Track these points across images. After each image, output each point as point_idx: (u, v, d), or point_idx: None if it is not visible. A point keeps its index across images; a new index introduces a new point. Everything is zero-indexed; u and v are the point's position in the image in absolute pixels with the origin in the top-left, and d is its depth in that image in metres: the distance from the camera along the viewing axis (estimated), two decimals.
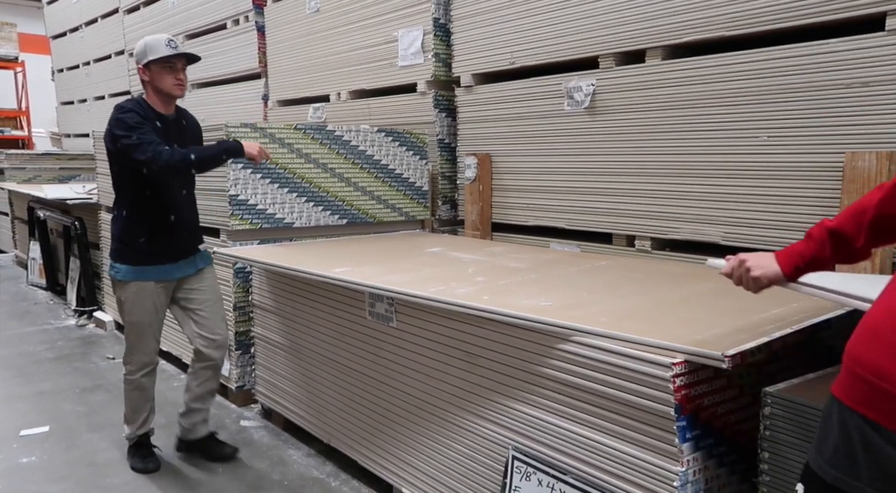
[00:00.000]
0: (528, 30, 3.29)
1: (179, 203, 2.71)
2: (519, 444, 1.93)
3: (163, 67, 2.57)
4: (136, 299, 2.66)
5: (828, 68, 2.28)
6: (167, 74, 2.58)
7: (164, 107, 2.65)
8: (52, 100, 9.95)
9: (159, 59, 2.55)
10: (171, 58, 2.57)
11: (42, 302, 5.90)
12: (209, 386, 2.87)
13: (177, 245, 2.71)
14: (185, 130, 2.76)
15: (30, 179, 7.57)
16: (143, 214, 2.63)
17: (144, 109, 2.58)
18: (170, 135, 2.62)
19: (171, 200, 2.66)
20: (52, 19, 9.29)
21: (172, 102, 2.68)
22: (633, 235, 2.95)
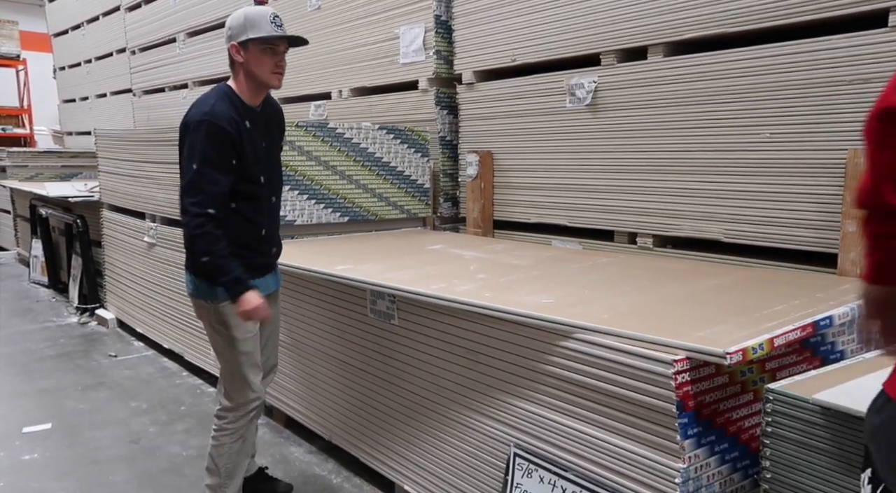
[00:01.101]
0: (529, 27, 3.28)
1: (268, 213, 2.26)
2: (520, 441, 1.93)
3: (263, 50, 2.09)
4: (238, 322, 2.14)
5: (830, 65, 2.28)
6: (268, 58, 2.10)
7: (253, 98, 2.17)
8: (53, 98, 9.96)
9: (260, 38, 2.07)
10: (275, 39, 2.11)
11: (44, 300, 5.91)
12: (257, 421, 2.39)
13: (265, 260, 2.30)
14: (272, 120, 2.31)
15: (32, 177, 7.59)
16: (229, 230, 2.10)
17: (235, 106, 2.11)
18: (260, 132, 2.20)
19: (260, 212, 2.21)
20: (53, 17, 9.29)
21: (264, 94, 2.21)
22: (635, 232, 2.95)
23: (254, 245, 2.22)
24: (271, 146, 2.28)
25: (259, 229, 2.23)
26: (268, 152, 2.24)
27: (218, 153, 2.04)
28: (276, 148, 2.33)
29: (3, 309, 5.56)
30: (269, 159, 2.25)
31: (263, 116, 2.24)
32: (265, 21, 2.09)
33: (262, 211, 2.23)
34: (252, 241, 2.21)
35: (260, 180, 2.18)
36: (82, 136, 8.79)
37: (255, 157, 2.15)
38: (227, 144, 2.06)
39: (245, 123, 2.12)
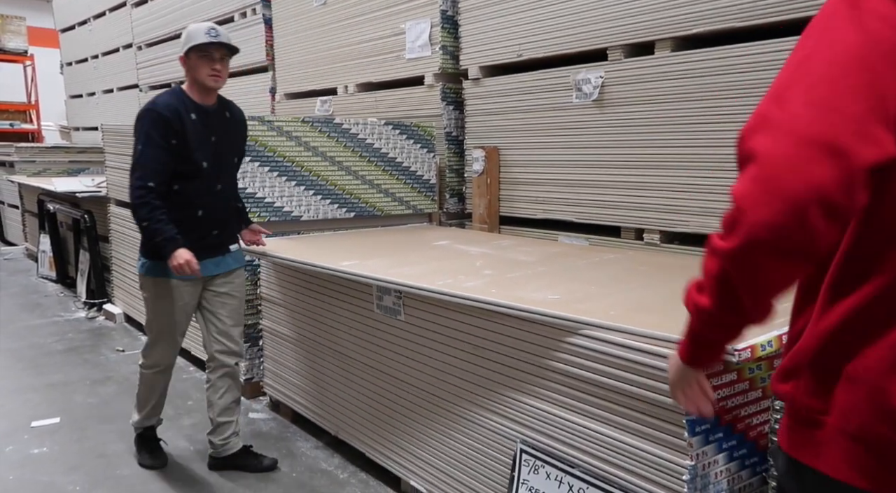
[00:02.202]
0: (535, 22, 3.27)
1: (210, 199, 2.56)
2: (527, 437, 1.93)
3: (200, 57, 2.47)
4: (158, 296, 2.56)
5: None
6: (204, 64, 2.47)
7: (202, 98, 2.54)
8: (61, 93, 10.00)
9: (196, 47, 2.45)
10: (207, 46, 2.45)
11: (52, 295, 5.94)
12: (233, 395, 2.73)
13: (203, 242, 2.54)
14: (229, 122, 2.65)
15: (39, 173, 7.62)
16: (167, 207, 2.45)
17: (181, 100, 2.50)
18: (208, 127, 2.53)
19: (199, 195, 2.52)
20: (60, 13, 9.32)
21: (211, 94, 2.57)
22: (642, 228, 2.94)
23: (189, 224, 2.50)
24: (223, 143, 2.59)
25: (196, 211, 2.53)
26: (217, 146, 2.56)
27: (158, 134, 2.43)
28: (230, 145, 2.65)
29: (12, 304, 5.60)
30: (216, 151, 2.56)
31: (218, 116, 2.60)
32: (201, 33, 2.47)
33: (202, 194, 2.53)
34: (186, 219, 2.50)
35: (202, 165, 2.51)
36: (89, 131, 8.82)
37: (199, 144, 2.49)
38: (166, 126, 2.43)
39: (190, 115, 2.49)
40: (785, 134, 0.78)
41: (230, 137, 2.64)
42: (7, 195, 8.33)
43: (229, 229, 2.70)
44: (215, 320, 2.67)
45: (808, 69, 0.80)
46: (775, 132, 0.79)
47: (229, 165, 2.67)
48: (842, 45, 0.79)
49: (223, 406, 2.70)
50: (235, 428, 2.74)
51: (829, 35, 0.81)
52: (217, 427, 2.71)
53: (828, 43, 0.81)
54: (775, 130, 0.79)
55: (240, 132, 2.74)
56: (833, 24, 0.82)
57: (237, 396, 2.76)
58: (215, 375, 2.70)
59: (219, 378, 2.70)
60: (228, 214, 2.69)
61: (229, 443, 2.72)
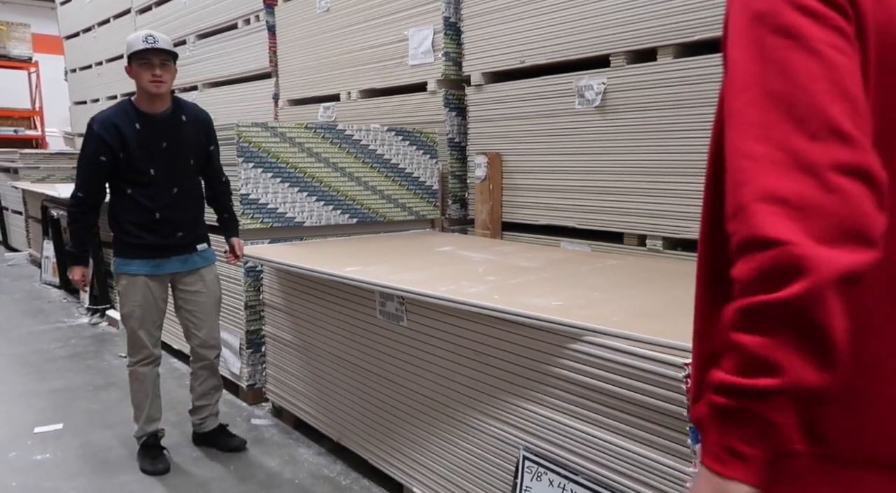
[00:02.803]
0: (538, 28, 3.28)
1: (167, 202, 2.69)
2: (530, 444, 1.92)
3: (140, 64, 2.55)
4: (127, 291, 2.73)
5: None
6: (144, 71, 2.55)
7: (149, 105, 2.63)
8: (65, 100, 10.04)
9: (135, 54, 2.55)
10: (145, 53, 2.53)
11: (55, 300, 5.95)
12: (211, 383, 2.97)
13: (168, 242, 2.72)
14: (184, 127, 2.71)
15: (43, 179, 7.64)
16: (125, 211, 2.67)
17: (125, 112, 2.62)
18: (157, 134, 2.64)
19: (154, 198, 2.66)
20: (65, 20, 9.37)
21: (158, 100, 2.63)
22: (645, 234, 2.94)
23: (148, 226, 2.67)
24: (177, 147, 2.70)
25: (152, 213, 2.67)
26: (169, 150, 2.68)
27: (90, 149, 2.61)
28: (184, 149, 2.73)
29: (16, 310, 5.61)
30: (168, 156, 2.68)
31: (169, 122, 2.68)
32: (138, 40, 2.56)
33: (157, 198, 2.67)
34: (146, 222, 2.67)
35: (150, 172, 2.65)
36: None
37: (145, 152, 2.63)
38: (98, 143, 2.59)
39: (134, 125, 2.61)
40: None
41: (185, 141, 2.72)
42: (11, 201, 8.36)
43: (196, 230, 2.82)
44: (191, 317, 2.87)
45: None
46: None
47: (185, 168, 2.75)
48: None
49: (202, 392, 2.97)
50: (212, 410, 3.01)
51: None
52: (196, 409, 2.99)
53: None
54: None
55: (199, 134, 2.79)
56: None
57: (215, 383, 3.00)
58: (196, 365, 2.96)
59: (199, 368, 2.95)
60: (194, 214, 2.81)
61: (205, 423, 3.00)
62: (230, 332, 3.50)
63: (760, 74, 0.74)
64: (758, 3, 0.77)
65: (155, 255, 2.71)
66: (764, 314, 0.68)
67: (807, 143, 0.70)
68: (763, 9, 0.76)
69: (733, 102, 0.76)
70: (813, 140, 0.70)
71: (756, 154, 0.71)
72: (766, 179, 0.70)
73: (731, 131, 0.75)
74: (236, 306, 3.43)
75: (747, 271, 0.69)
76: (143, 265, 2.71)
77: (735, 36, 0.78)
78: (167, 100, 2.68)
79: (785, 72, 0.73)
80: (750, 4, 0.77)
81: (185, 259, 2.78)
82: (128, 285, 2.72)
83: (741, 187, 0.71)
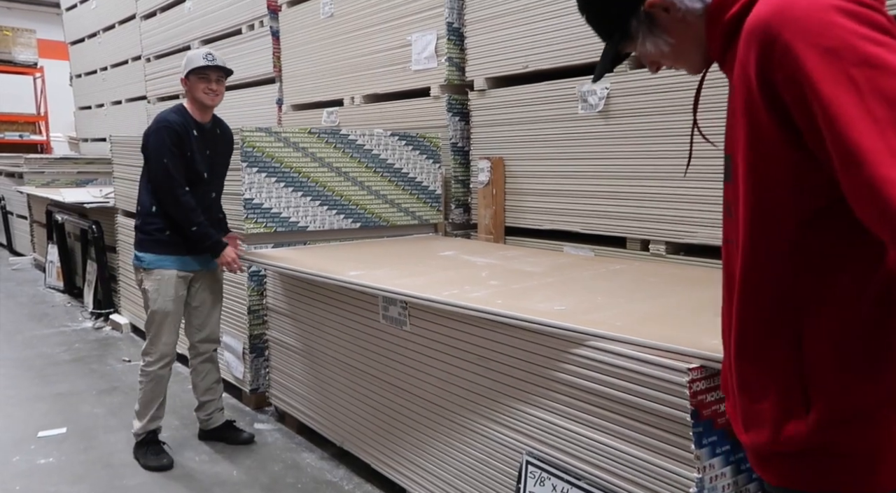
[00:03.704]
0: (541, 34, 3.29)
1: (208, 204, 2.91)
2: (533, 448, 1.92)
3: (199, 78, 2.81)
4: (160, 287, 2.82)
5: None
6: (201, 83, 2.82)
7: (200, 115, 2.89)
8: (69, 105, 10.10)
9: (195, 69, 2.80)
10: (205, 69, 2.81)
11: (59, 305, 5.97)
12: (213, 376, 3.07)
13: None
14: (220, 139, 2.99)
15: (48, 183, 7.68)
16: (175, 212, 2.79)
17: (184, 116, 2.85)
18: (205, 142, 2.90)
19: (201, 200, 2.85)
20: (70, 25, 9.42)
21: (208, 111, 2.91)
22: (648, 239, 2.94)
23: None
24: (216, 156, 2.96)
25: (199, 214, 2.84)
26: (211, 158, 2.93)
27: (175, 146, 2.76)
28: (220, 158, 3.01)
29: (20, 314, 5.63)
30: (211, 163, 2.93)
31: (212, 133, 2.95)
32: (199, 57, 2.83)
33: (202, 200, 2.86)
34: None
35: (203, 176, 2.87)
36: (98, 142, 8.89)
37: (200, 156, 2.85)
38: (179, 138, 2.77)
39: (192, 131, 2.84)
40: None
41: (221, 151, 3.01)
42: (16, 206, 8.39)
43: (220, 231, 3.02)
44: (199, 313, 3.00)
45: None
46: None
47: (221, 176, 3.04)
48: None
49: (205, 387, 3.05)
50: (218, 405, 3.10)
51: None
52: (202, 405, 3.07)
53: None
54: None
55: (229, 147, 3.07)
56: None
57: (217, 377, 3.10)
58: (197, 360, 3.04)
59: (200, 363, 3.04)
60: (218, 218, 3.07)
61: (212, 418, 3.08)
62: (233, 336, 3.50)
63: (865, 107, 0.78)
64: (825, 40, 0.81)
65: (186, 252, 2.86)
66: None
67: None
68: (834, 45, 0.80)
69: (850, 139, 0.79)
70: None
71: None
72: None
73: (862, 167, 0.78)
74: (240, 310, 3.44)
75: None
76: (176, 261, 2.84)
77: (817, 75, 0.81)
78: (212, 112, 2.95)
79: (888, 98, 0.77)
80: (817, 42, 0.81)
81: (207, 259, 2.92)
82: (161, 280, 2.82)
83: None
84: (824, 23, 0.81)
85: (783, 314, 0.96)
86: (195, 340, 3.02)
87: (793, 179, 0.89)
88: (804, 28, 0.82)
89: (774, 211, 0.93)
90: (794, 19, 0.83)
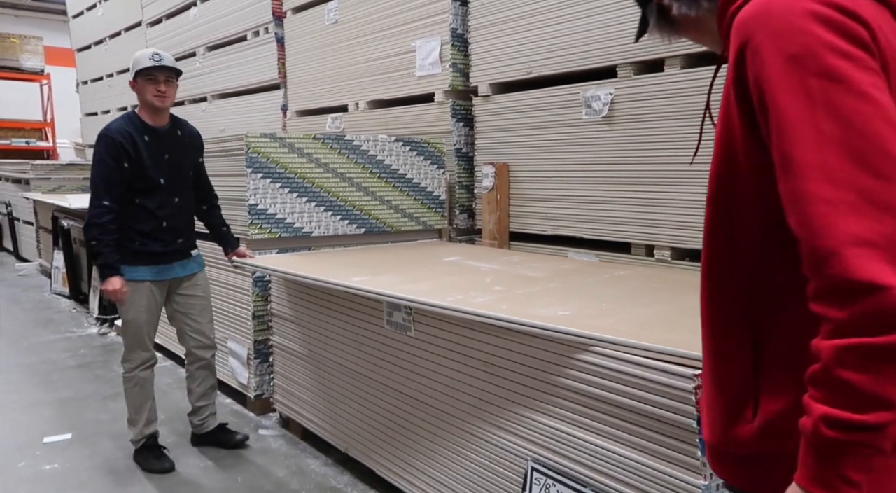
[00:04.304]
0: (545, 39, 3.29)
1: (171, 210, 2.84)
2: (538, 455, 1.91)
3: (146, 79, 2.73)
4: (133, 297, 2.79)
5: None
6: (149, 86, 2.73)
7: (153, 119, 2.80)
8: (75, 111, 10.15)
9: (142, 71, 2.72)
10: (151, 70, 2.71)
11: (65, 311, 5.98)
12: (208, 383, 3.08)
13: (172, 248, 2.86)
14: (181, 141, 2.90)
15: (54, 190, 7.72)
16: (132, 219, 2.77)
17: (133, 123, 2.76)
18: (161, 146, 2.80)
19: (161, 207, 2.80)
20: (77, 32, 9.49)
21: (161, 114, 2.81)
22: (653, 244, 2.93)
23: (154, 234, 2.80)
24: (176, 159, 2.86)
25: (161, 222, 2.81)
26: (170, 162, 2.83)
27: (111, 156, 2.69)
28: (183, 160, 2.90)
29: (26, 319, 5.64)
30: (171, 167, 2.83)
31: (170, 136, 2.85)
32: (145, 58, 2.74)
33: (163, 207, 2.80)
34: (152, 230, 2.79)
35: (159, 181, 2.78)
36: None
37: (153, 162, 2.76)
38: (118, 149, 2.69)
39: (143, 137, 2.75)
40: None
41: (184, 153, 2.91)
42: (22, 212, 8.43)
43: (192, 236, 3.01)
44: (189, 319, 2.99)
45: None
46: None
47: (185, 179, 2.93)
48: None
49: (200, 393, 3.06)
50: (212, 410, 3.10)
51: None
52: (196, 410, 3.08)
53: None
54: None
55: (193, 148, 2.99)
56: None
57: (213, 383, 3.10)
58: (193, 366, 3.05)
59: (196, 369, 3.05)
60: (190, 221, 3.00)
61: (206, 422, 3.09)
62: (238, 342, 3.50)
63: (813, 120, 0.77)
64: (792, 47, 0.79)
65: (159, 261, 2.84)
66: (871, 355, 0.72)
67: (875, 182, 0.73)
68: (799, 52, 0.78)
69: (790, 148, 0.78)
70: (880, 179, 0.73)
71: (828, 198, 0.74)
72: (847, 222, 0.73)
73: (794, 178, 0.78)
74: (244, 316, 3.44)
75: (848, 313, 0.73)
76: (148, 271, 2.82)
77: (775, 80, 0.80)
78: (167, 115, 2.86)
79: (838, 116, 0.76)
80: (783, 49, 0.79)
81: (184, 264, 2.93)
82: (133, 291, 2.79)
83: (823, 233, 0.74)
84: (795, 28, 0.79)
85: (741, 314, 0.94)
86: (191, 346, 3.02)
87: (755, 181, 0.88)
88: (775, 31, 0.81)
89: (737, 210, 0.92)
90: (769, 21, 0.82)
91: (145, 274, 2.81)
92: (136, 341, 2.86)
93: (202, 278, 3.03)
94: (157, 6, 6.95)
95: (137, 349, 2.87)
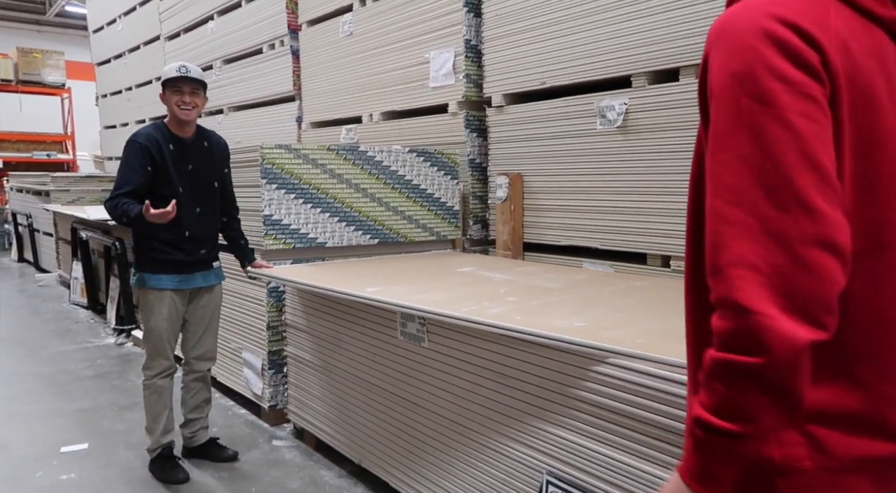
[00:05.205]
0: (559, 50, 3.29)
1: (194, 220, 2.86)
2: (553, 468, 1.89)
3: (172, 91, 2.77)
4: (154, 305, 2.83)
5: None
6: (174, 97, 2.77)
7: (179, 129, 2.84)
8: (95, 124, 10.31)
9: (168, 82, 2.77)
10: (177, 81, 2.76)
11: (83, 321, 6.05)
12: (203, 396, 3.07)
13: (194, 258, 2.88)
14: (208, 151, 2.93)
15: (74, 201, 7.82)
16: (157, 227, 2.74)
17: (161, 132, 2.81)
18: (185, 156, 2.84)
19: (184, 217, 2.80)
20: (97, 47, 9.65)
21: (186, 125, 2.85)
22: (669, 255, 2.90)
23: (176, 243, 2.82)
24: (201, 170, 2.88)
25: (184, 231, 2.82)
26: (195, 172, 2.86)
27: (136, 160, 2.73)
28: (208, 172, 2.92)
29: (45, 330, 5.71)
30: (194, 177, 2.86)
31: (196, 146, 2.88)
32: (172, 70, 2.79)
33: (185, 216, 2.80)
34: (175, 239, 2.81)
35: (178, 190, 2.79)
36: None
37: (176, 171, 2.80)
38: (144, 154, 2.73)
39: (168, 146, 2.80)
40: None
41: (209, 165, 2.92)
42: (42, 223, 8.55)
43: (216, 248, 3.01)
44: (195, 329, 2.99)
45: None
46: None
47: (209, 190, 2.93)
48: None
49: (194, 405, 3.05)
50: (204, 424, 3.09)
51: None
52: (188, 422, 3.07)
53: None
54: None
55: (220, 159, 3.00)
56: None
57: (207, 396, 3.10)
58: (189, 377, 3.05)
59: (192, 381, 3.05)
60: (214, 233, 3.00)
61: (196, 436, 3.07)
62: (252, 352, 3.51)
63: (734, 138, 0.80)
64: (736, 63, 0.81)
65: (181, 270, 2.85)
66: (736, 372, 0.77)
67: (776, 212, 0.76)
68: (740, 70, 0.80)
69: (712, 157, 0.83)
70: (781, 210, 0.76)
71: (730, 218, 0.78)
72: (740, 244, 0.77)
73: (709, 189, 0.83)
74: (259, 326, 3.45)
75: (724, 328, 0.78)
76: (171, 280, 2.84)
77: (717, 94, 0.83)
78: (194, 126, 2.89)
79: (758, 140, 0.78)
80: (728, 64, 0.82)
81: (205, 275, 2.95)
82: (155, 298, 2.83)
83: (719, 249, 0.79)
84: (745, 46, 0.81)
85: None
86: (190, 356, 3.02)
87: None
88: (728, 45, 0.83)
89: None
90: (726, 34, 0.84)
91: (167, 283, 2.83)
92: (157, 349, 2.88)
93: (218, 290, 3.05)
94: (175, 20, 7.06)
95: (158, 357, 2.89)
